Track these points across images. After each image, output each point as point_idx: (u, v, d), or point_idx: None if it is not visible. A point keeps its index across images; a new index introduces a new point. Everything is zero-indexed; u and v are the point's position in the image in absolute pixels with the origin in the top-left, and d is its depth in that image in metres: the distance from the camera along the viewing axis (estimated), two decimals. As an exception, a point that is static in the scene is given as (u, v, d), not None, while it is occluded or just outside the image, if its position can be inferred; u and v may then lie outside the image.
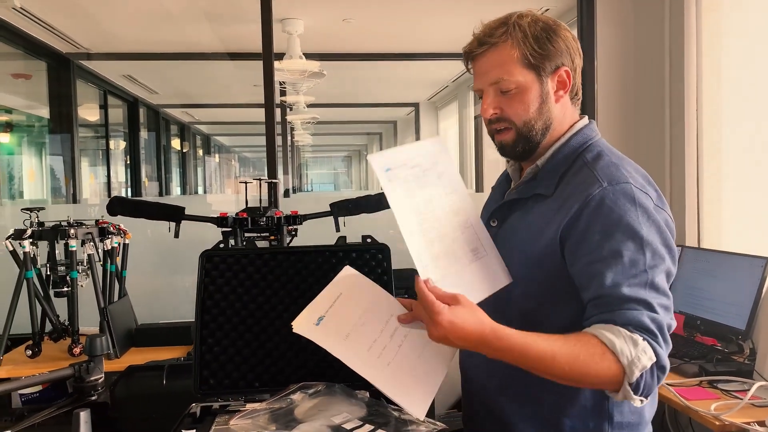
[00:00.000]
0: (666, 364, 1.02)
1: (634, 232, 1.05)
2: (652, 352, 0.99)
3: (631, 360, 0.98)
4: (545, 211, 1.14)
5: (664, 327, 1.02)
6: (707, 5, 2.65)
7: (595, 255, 1.05)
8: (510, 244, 1.19)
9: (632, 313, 1.01)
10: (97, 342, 1.35)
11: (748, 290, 2.17)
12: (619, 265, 1.04)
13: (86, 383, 1.34)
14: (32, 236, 2.38)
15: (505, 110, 1.17)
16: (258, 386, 1.35)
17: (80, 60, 4.82)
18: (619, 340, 0.99)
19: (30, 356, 2.37)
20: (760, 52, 2.50)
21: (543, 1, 3.85)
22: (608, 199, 1.07)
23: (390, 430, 1.13)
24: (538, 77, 1.15)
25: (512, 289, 1.16)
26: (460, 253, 1.15)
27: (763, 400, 1.82)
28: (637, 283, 1.03)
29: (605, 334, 1.00)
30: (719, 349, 2.19)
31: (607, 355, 0.99)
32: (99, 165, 6.33)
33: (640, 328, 1.00)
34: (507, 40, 1.15)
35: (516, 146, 1.19)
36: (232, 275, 1.41)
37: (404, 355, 1.16)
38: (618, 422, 1.12)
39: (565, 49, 1.16)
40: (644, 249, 1.04)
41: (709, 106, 2.68)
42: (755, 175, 2.56)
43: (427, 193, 1.15)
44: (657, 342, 1.00)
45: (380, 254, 1.46)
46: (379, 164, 1.13)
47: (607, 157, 1.15)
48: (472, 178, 5.72)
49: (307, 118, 6.71)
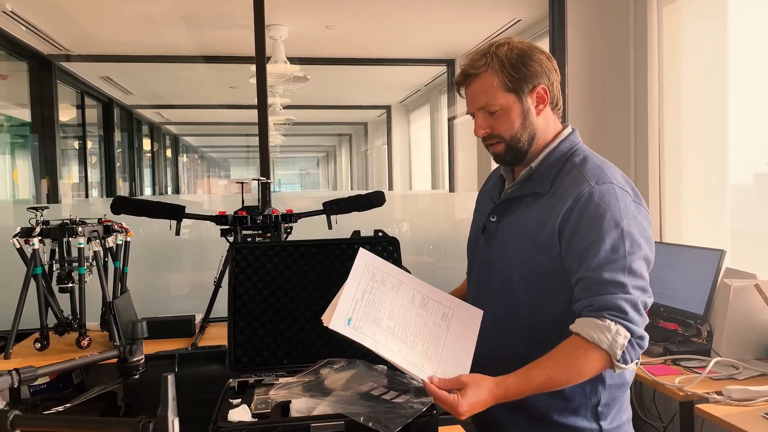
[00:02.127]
0: (641, 334, 1.22)
1: (616, 223, 1.24)
2: (625, 330, 1.19)
3: (609, 344, 1.19)
4: (543, 207, 1.34)
5: (638, 304, 1.22)
6: (668, 21, 2.91)
7: (583, 242, 1.25)
8: (511, 235, 1.39)
9: (608, 297, 1.21)
10: (138, 327, 1.48)
11: (705, 279, 2.42)
12: (602, 251, 1.22)
13: (129, 363, 1.48)
14: (41, 234, 2.47)
15: (495, 128, 1.37)
16: (286, 363, 1.52)
17: (60, 61, 4.86)
18: (596, 333, 1.20)
19: (39, 349, 2.47)
20: (714, 65, 2.76)
21: (515, 12, 4.06)
22: (595, 195, 1.26)
23: (412, 396, 1.30)
24: (518, 97, 1.34)
25: (512, 276, 1.36)
26: (435, 330, 1.31)
27: (719, 374, 2.06)
28: (616, 268, 1.22)
29: (585, 330, 1.21)
30: (680, 332, 2.43)
31: (590, 348, 1.20)
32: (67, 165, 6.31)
33: (614, 310, 1.20)
34: (487, 70, 1.34)
35: (507, 156, 1.39)
36: (260, 266, 1.57)
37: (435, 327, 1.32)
38: (609, 384, 1.33)
39: (540, 70, 1.35)
40: (624, 238, 1.23)
41: (669, 112, 2.93)
42: (711, 176, 2.81)
43: (384, 308, 1.28)
44: (628, 319, 1.20)
45: (391, 246, 1.64)
46: (340, 322, 1.21)
47: (592, 160, 1.36)
48: (446, 179, 5.94)
49: (282, 119, 6.83)
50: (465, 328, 1.35)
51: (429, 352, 1.28)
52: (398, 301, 1.32)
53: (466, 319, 1.36)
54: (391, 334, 1.26)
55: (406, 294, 1.34)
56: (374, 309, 1.28)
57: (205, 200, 6.48)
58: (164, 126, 9.38)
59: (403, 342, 1.26)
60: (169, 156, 10.40)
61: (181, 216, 2.64)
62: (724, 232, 2.73)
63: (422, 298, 1.36)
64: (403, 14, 4.21)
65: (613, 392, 1.34)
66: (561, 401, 1.33)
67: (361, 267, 1.33)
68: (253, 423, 1.19)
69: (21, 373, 1.19)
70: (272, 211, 2.76)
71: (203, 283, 3.05)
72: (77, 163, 6.19)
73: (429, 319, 1.33)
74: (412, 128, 7.71)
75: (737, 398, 1.84)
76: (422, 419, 1.21)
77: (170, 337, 2.67)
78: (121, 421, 1.01)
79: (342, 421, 1.18)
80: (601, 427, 1.33)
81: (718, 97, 2.74)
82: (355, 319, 1.24)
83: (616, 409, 1.36)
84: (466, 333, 1.34)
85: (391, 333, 1.26)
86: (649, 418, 2.83)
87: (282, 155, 15.13)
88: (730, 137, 2.70)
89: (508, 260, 1.37)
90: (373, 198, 2.76)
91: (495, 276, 1.40)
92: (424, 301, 1.36)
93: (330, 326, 1.20)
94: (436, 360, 1.27)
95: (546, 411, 1.34)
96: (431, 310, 1.35)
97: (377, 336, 1.24)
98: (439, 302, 1.37)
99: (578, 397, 1.33)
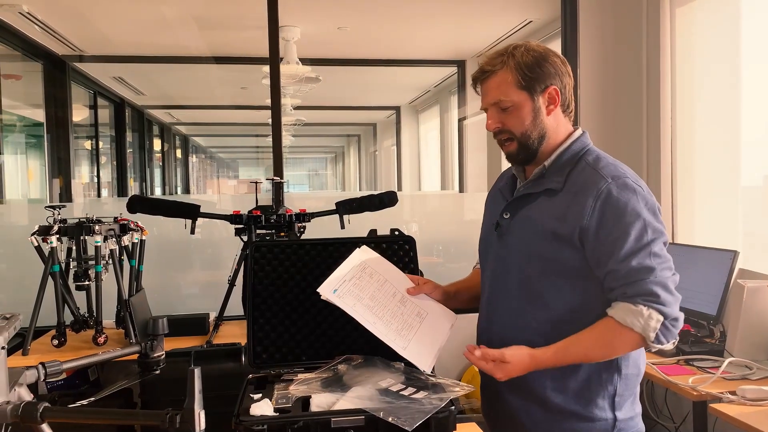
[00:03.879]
0: (675, 315, 1.28)
1: (637, 214, 1.30)
2: (657, 314, 1.26)
3: (642, 327, 1.26)
4: (559, 203, 1.37)
5: (668, 285, 1.28)
6: (681, 22, 2.91)
7: (610, 237, 1.31)
8: (526, 231, 1.41)
9: (641, 283, 1.27)
10: (159, 323, 1.51)
11: (718, 280, 2.42)
12: (628, 242, 1.29)
13: (150, 359, 1.50)
14: (58, 232, 2.50)
15: (506, 124, 1.42)
16: (305, 359, 1.54)
17: (74, 62, 4.91)
18: (629, 317, 1.27)
19: (56, 345, 2.50)
20: (727, 67, 2.76)
21: (526, 14, 4.08)
22: (614, 191, 1.32)
23: (430, 392, 1.32)
24: (530, 96, 1.39)
25: (530, 270, 1.39)
26: (410, 321, 1.48)
27: (732, 374, 2.06)
28: (643, 255, 1.28)
29: (619, 315, 1.28)
30: (693, 333, 2.44)
31: (624, 331, 1.28)
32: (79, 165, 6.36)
33: (647, 295, 1.26)
34: (503, 67, 1.40)
35: (519, 154, 1.44)
36: (278, 263, 1.59)
37: (410, 319, 1.48)
38: (625, 374, 1.37)
39: (553, 72, 1.40)
40: (646, 227, 1.30)
41: (682, 113, 2.93)
42: (724, 177, 2.81)
43: (368, 292, 1.47)
44: (660, 302, 1.26)
45: (407, 245, 1.65)
46: (328, 290, 1.42)
47: (605, 159, 1.40)
48: (455, 179, 5.95)
49: (292, 120, 6.86)
50: (436, 329, 1.50)
51: (402, 333, 1.44)
52: (380, 291, 1.50)
53: (440, 321, 1.53)
54: (370, 311, 1.44)
55: (388, 290, 1.51)
56: (358, 290, 1.46)
57: (216, 200, 6.52)
58: (174, 126, 9.43)
59: (380, 319, 1.43)
60: (179, 156, 10.46)
61: (196, 215, 2.67)
62: (736, 234, 2.73)
63: (402, 296, 1.52)
64: (414, 15, 4.23)
65: (628, 382, 1.38)
66: (577, 391, 1.36)
67: (354, 260, 1.51)
68: (275, 417, 1.21)
69: (47, 367, 1.22)
70: (286, 210, 2.79)
71: (216, 282, 3.08)
72: (89, 163, 6.25)
73: (405, 312, 1.50)
74: (422, 129, 7.73)
75: (751, 398, 1.85)
76: (441, 415, 1.22)
77: (185, 335, 2.69)
78: (149, 413, 1.03)
79: (362, 416, 1.20)
80: (616, 417, 1.37)
81: (731, 99, 2.74)
82: (340, 290, 1.44)
83: (630, 400, 1.40)
84: (437, 332, 1.50)
85: (370, 310, 1.44)
86: (660, 418, 2.83)
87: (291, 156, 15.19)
88: (742, 139, 2.71)
89: (525, 255, 1.40)
90: (386, 198, 2.78)
91: (511, 271, 1.42)
92: (404, 299, 1.52)
93: (319, 290, 1.41)
94: (407, 340, 1.43)
95: (563, 403, 1.36)
96: (408, 307, 1.51)
97: (357, 307, 1.42)
98: (417, 303, 1.53)
99: (594, 386, 1.36)
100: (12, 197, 4.64)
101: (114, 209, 2.85)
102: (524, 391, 1.40)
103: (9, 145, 5.68)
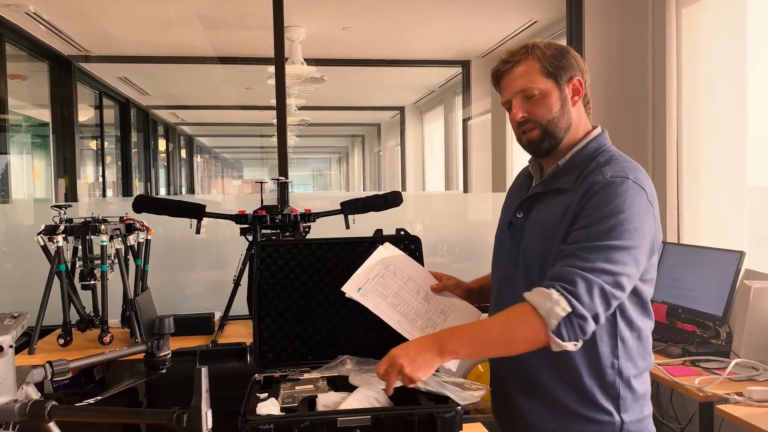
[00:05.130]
0: (583, 314, 1.18)
1: (617, 211, 1.24)
2: (566, 302, 1.18)
3: (546, 311, 1.18)
4: (563, 201, 1.35)
5: (594, 288, 1.19)
6: (687, 22, 2.91)
7: (581, 223, 1.27)
8: (534, 230, 1.40)
9: (568, 270, 1.21)
10: (165, 322, 1.51)
11: (724, 281, 2.41)
12: (591, 232, 1.24)
13: (157, 358, 1.50)
14: (64, 232, 2.51)
15: (532, 113, 1.38)
16: (311, 359, 1.54)
17: (79, 62, 4.92)
18: (537, 297, 1.21)
19: (62, 345, 2.50)
20: (733, 67, 2.75)
21: (531, 14, 4.07)
22: (606, 185, 1.28)
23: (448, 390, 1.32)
24: (557, 84, 1.38)
25: (535, 269, 1.37)
26: (435, 319, 1.47)
27: (739, 375, 2.06)
28: (594, 248, 1.22)
29: (530, 295, 1.22)
30: (699, 334, 2.43)
31: (530, 312, 1.21)
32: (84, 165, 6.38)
33: (564, 282, 1.20)
34: (529, 56, 1.39)
35: (542, 142, 1.39)
36: (284, 263, 1.59)
37: (434, 316, 1.47)
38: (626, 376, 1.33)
39: (575, 63, 1.41)
40: (617, 227, 1.23)
41: (688, 113, 2.92)
42: (730, 177, 2.81)
43: (391, 290, 1.47)
44: (573, 294, 1.18)
45: (413, 245, 1.65)
46: (352, 288, 1.43)
47: (616, 159, 1.37)
48: (460, 179, 5.95)
49: (297, 120, 6.86)
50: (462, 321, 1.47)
51: (427, 330, 1.42)
52: (404, 289, 1.48)
53: (464, 318, 1.50)
54: (395, 309, 1.43)
55: (412, 287, 1.50)
56: (382, 288, 1.45)
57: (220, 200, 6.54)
58: (179, 126, 9.46)
59: (404, 317, 1.43)
60: (184, 156, 10.49)
61: (202, 215, 2.67)
62: (742, 234, 2.72)
63: (426, 293, 1.51)
64: (419, 16, 4.23)
65: (632, 383, 1.34)
66: (578, 390, 1.34)
67: (377, 257, 1.50)
68: (281, 416, 1.21)
69: (54, 365, 1.22)
70: (291, 210, 2.79)
71: (220, 281, 3.08)
72: (94, 163, 6.27)
73: (429, 309, 1.48)
74: (426, 129, 7.73)
75: (758, 399, 1.84)
76: (447, 415, 1.22)
77: (190, 334, 2.69)
78: (156, 412, 1.03)
79: (369, 416, 1.20)
80: (623, 419, 1.33)
81: (737, 99, 2.73)
82: (364, 288, 1.43)
83: (640, 403, 1.36)
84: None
85: (395, 308, 1.43)
86: (666, 419, 2.82)
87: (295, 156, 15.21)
88: (748, 139, 2.70)
89: (532, 254, 1.39)
90: (391, 198, 2.78)
91: (520, 270, 1.41)
92: (428, 296, 1.51)
93: (343, 289, 1.41)
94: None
95: (565, 402, 1.35)
96: (432, 304, 1.50)
97: (381, 306, 1.41)
98: (440, 300, 1.52)
99: (598, 389, 1.33)
100: (18, 197, 4.66)
101: (119, 209, 2.85)
102: (532, 393, 1.39)
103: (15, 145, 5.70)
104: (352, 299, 1.43)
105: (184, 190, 10.30)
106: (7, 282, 3.32)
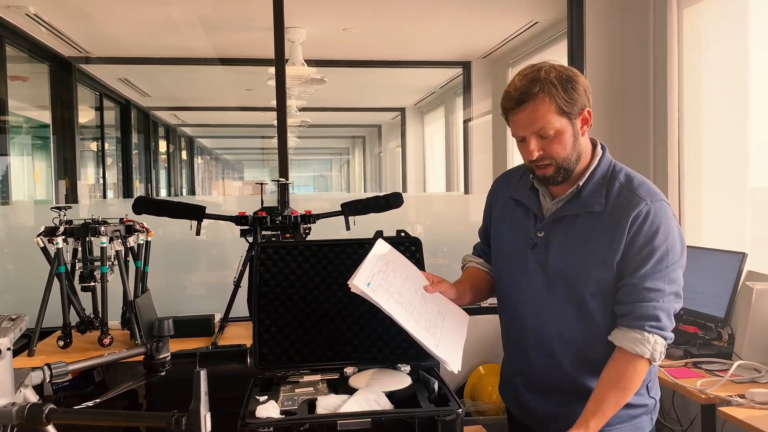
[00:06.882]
0: (670, 337, 1.39)
1: (665, 237, 1.37)
2: (662, 339, 1.36)
3: (651, 353, 1.36)
4: (603, 227, 1.40)
5: (671, 312, 1.38)
6: (688, 23, 2.90)
7: (638, 255, 1.37)
8: (570, 253, 1.43)
9: (647, 307, 1.36)
10: (165, 324, 1.50)
11: (726, 282, 2.40)
12: (650, 263, 1.36)
13: (156, 360, 1.50)
14: (64, 233, 2.50)
15: (547, 151, 1.40)
16: (311, 361, 1.53)
17: (80, 64, 4.92)
18: (639, 347, 1.35)
19: (62, 347, 2.50)
20: (735, 67, 2.74)
21: (532, 15, 4.06)
22: (651, 213, 1.37)
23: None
24: (570, 121, 1.39)
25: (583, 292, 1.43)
26: (434, 319, 1.46)
27: (741, 377, 2.05)
28: (659, 277, 1.36)
29: (629, 345, 1.36)
30: (700, 336, 2.42)
31: (635, 360, 1.36)
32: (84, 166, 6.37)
33: (651, 320, 1.35)
34: (543, 95, 1.36)
35: (557, 176, 1.43)
36: (284, 265, 1.59)
37: (433, 317, 1.45)
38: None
39: (584, 93, 1.40)
40: (669, 251, 1.37)
41: (689, 114, 2.91)
42: (732, 178, 2.80)
43: (394, 287, 1.44)
44: (662, 327, 1.36)
45: (413, 246, 1.65)
46: (361, 283, 1.36)
47: (636, 178, 1.44)
48: (461, 180, 5.94)
49: (297, 121, 6.86)
50: (456, 328, 1.49)
51: (430, 331, 1.41)
52: (404, 287, 1.46)
53: (457, 320, 1.51)
54: (401, 306, 1.40)
55: (410, 286, 1.48)
56: (387, 284, 1.42)
57: (221, 201, 6.53)
58: (180, 128, 9.45)
59: (410, 315, 1.40)
60: (185, 158, 10.48)
61: (202, 216, 2.66)
62: (744, 236, 2.71)
63: (422, 294, 1.49)
64: (420, 17, 4.22)
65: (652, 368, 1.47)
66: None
67: (377, 251, 1.47)
68: (281, 419, 1.20)
69: (53, 368, 1.21)
70: (291, 212, 2.78)
71: (220, 283, 3.08)
72: (94, 165, 6.26)
73: (428, 309, 1.46)
74: (427, 130, 7.71)
75: (761, 401, 1.83)
76: (448, 418, 1.22)
77: (190, 336, 2.69)
78: (154, 415, 1.02)
79: (369, 419, 1.19)
80: (654, 398, 1.50)
81: (739, 100, 2.73)
82: (373, 283, 1.38)
83: (657, 384, 1.54)
84: (457, 332, 1.48)
85: (401, 306, 1.40)
86: (668, 421, 2.81)
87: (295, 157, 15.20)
88: (750, 140, 2.69)
89: (580, 276, 1.42)
90: (391, 199, 2.77)
91: (558, 291, 1.44)
92: (424, 297, 1.49)
93: (351, 282, 1.34)
94: (437, 339, 1.40)
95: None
96: (429, 304, 1.48)
97: (390, 302, 1.37)
98: (435, 301, 1.51)
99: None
100: (18, 198, 4.65)
101: (120, 210, 2.85)
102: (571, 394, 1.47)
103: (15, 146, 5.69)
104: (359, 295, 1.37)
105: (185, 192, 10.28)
106: (8, 283, 3.32)
